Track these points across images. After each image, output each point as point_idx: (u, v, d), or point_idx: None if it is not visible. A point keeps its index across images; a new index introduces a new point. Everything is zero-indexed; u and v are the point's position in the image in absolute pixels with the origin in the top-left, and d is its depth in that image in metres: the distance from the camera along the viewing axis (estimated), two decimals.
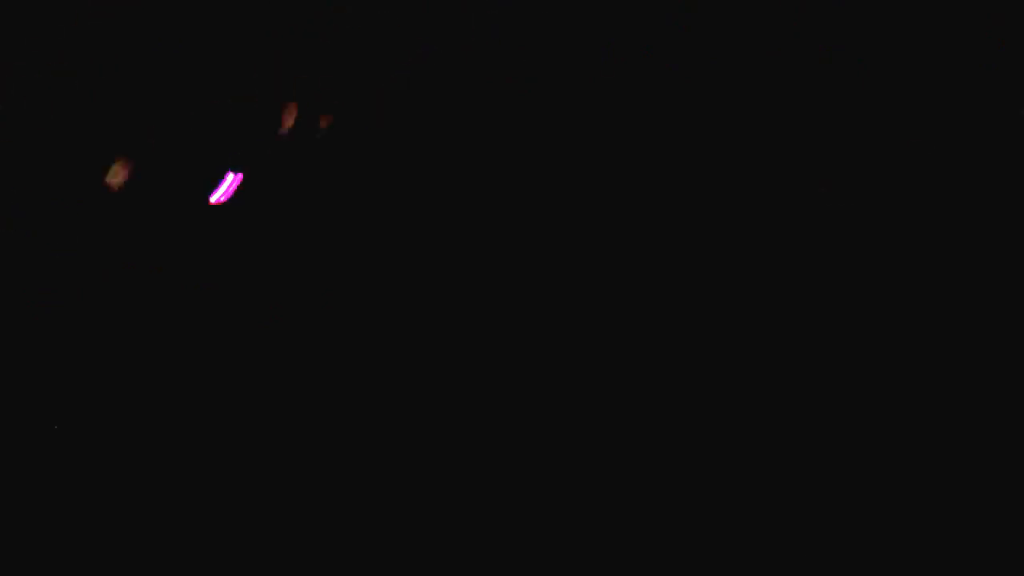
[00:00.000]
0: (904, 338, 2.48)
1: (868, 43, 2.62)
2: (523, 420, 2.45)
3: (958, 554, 2.25)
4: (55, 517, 2.31)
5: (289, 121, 2.44)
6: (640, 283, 2.56)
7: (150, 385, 2.46)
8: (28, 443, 2.39)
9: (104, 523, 2.31)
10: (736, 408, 2.44)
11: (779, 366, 2.47)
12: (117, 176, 2.08)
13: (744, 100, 2.64)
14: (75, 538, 2.29)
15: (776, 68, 2.63)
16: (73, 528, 2.30)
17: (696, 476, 2.38)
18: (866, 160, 2.62)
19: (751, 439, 2.40)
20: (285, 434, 2.44)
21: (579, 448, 2.42)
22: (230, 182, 2.23)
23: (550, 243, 2.59)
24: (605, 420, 2.45)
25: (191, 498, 2.36)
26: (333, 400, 2.48)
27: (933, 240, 2.57)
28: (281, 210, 2.61)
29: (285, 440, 2.43)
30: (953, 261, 2.55)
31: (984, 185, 2.60)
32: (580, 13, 2.65)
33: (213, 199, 2.21)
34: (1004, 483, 2.32)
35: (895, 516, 2.31)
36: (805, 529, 2.31)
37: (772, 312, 2.52)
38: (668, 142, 2.63)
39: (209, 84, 2.62)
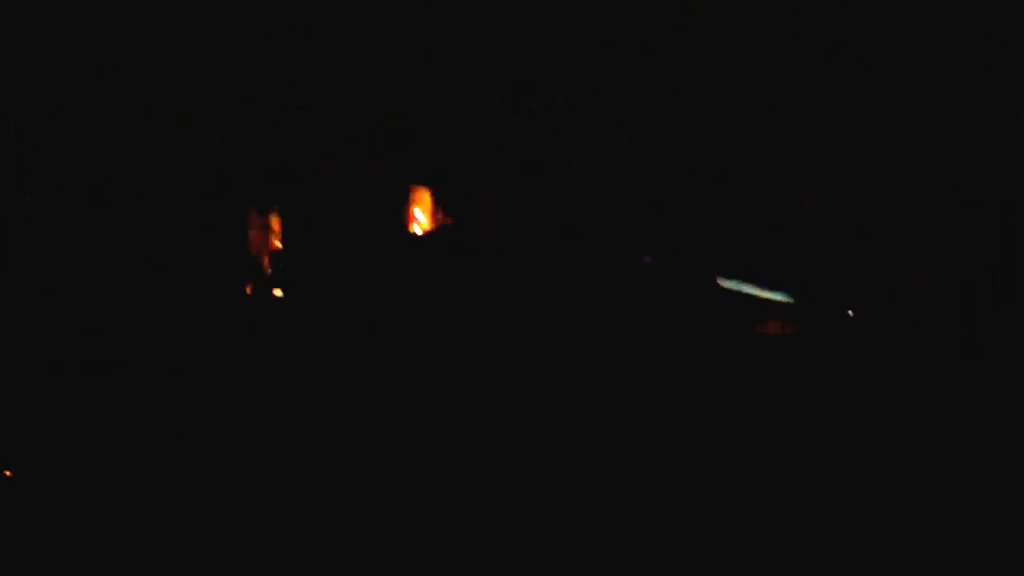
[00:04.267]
0: (904, 335, 2.48)
1: (868, 43, 2.62)
2: (523, 423, 2.46)
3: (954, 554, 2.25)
4: (55, 517, 2.31)
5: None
6: (637, 281, 2.56)
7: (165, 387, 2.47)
8: (28, 443, 2.39)
9: (104, 522, 2.31)
10: (736, 411, 2.44)
11: (778, 369, 2.47)
12: None
13: (744, 100, 2.64)
14: (75, 537, 2.29)
15: (776, 68, 2.63)
16: (73, 527, 2.30)
17: (694, 479, 2.38)
18: (866, 159, 2.62)
19: (752, 444, 2.41)
20: (286, 435, 2.45)
21: (577, 451, 2.42)
22: None
23: (551, 242, 2.59)
24: (605, 425, 2.45)
25: (191, 498, 2.36)
26: (335, 402, 2.48)
27: (933, 238, 2.57)
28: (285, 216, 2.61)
29: (286, 441, 2.44)
30: (953, 259, 2.55)
31: (984, 184, 2.60)
32: (580, 13, 2.66)
33: None
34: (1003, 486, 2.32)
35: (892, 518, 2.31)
36: (803, 530, 2.31)
37: (769, 312, 2.52)
38: (668, 141, 2.64)
39: (209, 85, 2.63)
